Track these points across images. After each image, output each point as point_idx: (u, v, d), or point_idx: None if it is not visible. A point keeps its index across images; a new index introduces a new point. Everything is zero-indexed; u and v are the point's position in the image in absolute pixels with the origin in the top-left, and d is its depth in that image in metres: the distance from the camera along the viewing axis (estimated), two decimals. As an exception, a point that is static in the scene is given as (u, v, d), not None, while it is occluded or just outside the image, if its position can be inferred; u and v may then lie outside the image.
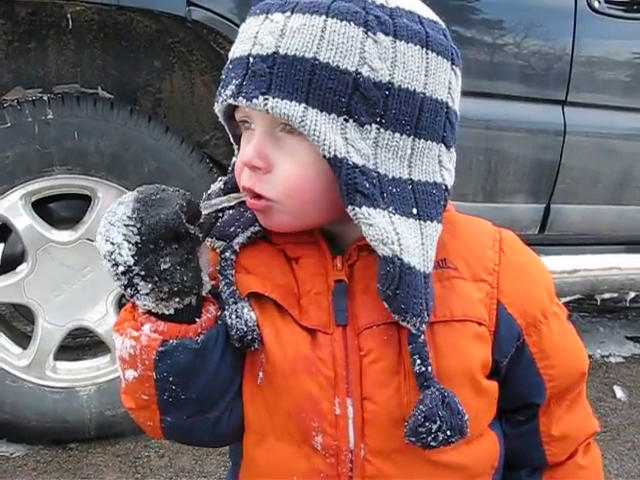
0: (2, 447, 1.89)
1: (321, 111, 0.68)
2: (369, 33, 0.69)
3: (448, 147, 0.76)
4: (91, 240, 1.81)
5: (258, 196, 0.74)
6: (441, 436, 0.70)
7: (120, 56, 1.94)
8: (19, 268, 1.83)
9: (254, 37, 0.71)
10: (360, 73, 0.68)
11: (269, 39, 0.69)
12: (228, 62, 0.75)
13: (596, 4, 2.07)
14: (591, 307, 2.86)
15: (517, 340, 0.78)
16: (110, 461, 1.85)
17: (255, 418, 0.77)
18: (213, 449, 1.86)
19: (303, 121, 0.68)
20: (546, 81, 2.07)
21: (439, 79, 0.73)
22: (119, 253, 0.69)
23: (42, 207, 1.84)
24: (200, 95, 2.05)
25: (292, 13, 0.70)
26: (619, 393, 2.28)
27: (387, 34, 0.70)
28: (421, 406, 0.70)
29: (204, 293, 0.74)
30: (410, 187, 0.72)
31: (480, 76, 2.00)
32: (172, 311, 0.71)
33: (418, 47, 0.72)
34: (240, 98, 0.70)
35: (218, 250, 0.77)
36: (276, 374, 0.74)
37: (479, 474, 0.79)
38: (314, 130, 0.68)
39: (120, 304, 1.91)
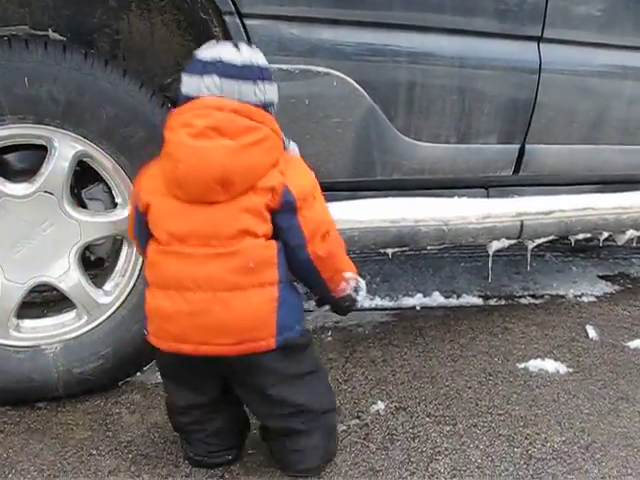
0: (-33, 409, 1.84)
1: None
2: None
3: None
4: (49, 192, 1.72)
5: None
6: None
7: (72, -6, 1.82)
8: (-26, 224, 1.74)
9: None
10: None
11: None
12: None
13: None
14: (564, 247, 2.86)
15: None
16: (80, 419, 1.80)
17: None
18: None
19: None
20: (521, 17, 2.00)
21: None
22: None
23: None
24: (160, 36, 1.94)
25: None
26: (591, 332, 2.29)
27: None
28: None
29: None
30: None
31: (454, 12, 1.91)
32: None
33: None
34: None
35: None
36: None
37: None
38: None
39: (83, 257, 1.84)
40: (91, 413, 1.83)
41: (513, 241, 2.18)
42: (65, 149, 1.71)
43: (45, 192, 1.72)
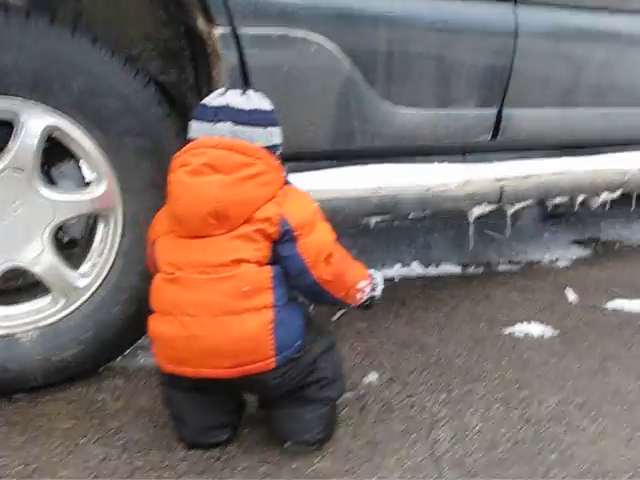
0: (-62, 405, 1.73)
1: None
2: None
3: None
4: (18, 169, 1.62)
5: None
6: None
7: (30, -41, 1.71)
8: (-63, 207, 1.62)
9: None
10: None
11: None
12: None
13: None
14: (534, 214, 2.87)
15: None
16: (62, 409, 1.71)
17: None
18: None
19: None
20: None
21: None
22: None
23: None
24: (126, 4, 1.84)
25: None
26: (571, 296, 2.31)
27: None
28: None
29: None
30: None
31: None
32: None
33: None
34: None
35: None
36: None
37: None
38: None
39: (57, 239, 1.74)
40: (73, 402, 1.74)
41: (493, 207, 2.17)
42: (34, 123, 1.60)
43: (14, 169, 1.61)
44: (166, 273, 1.47)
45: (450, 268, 2.51)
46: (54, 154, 1.74)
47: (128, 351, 1.88)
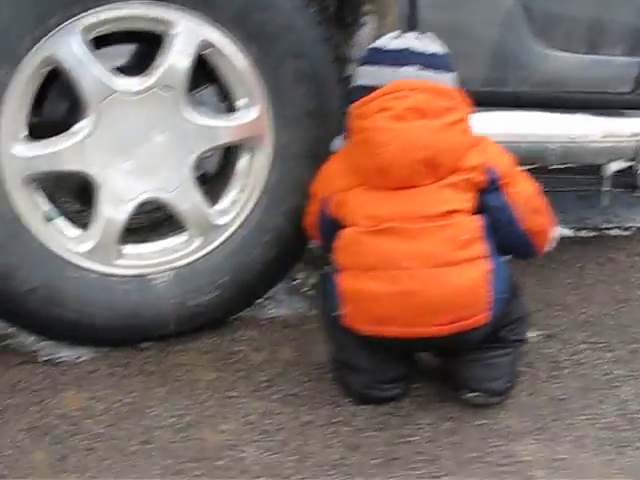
0: (63, 351, 1.54)
1: None
2: None
3: None
4: (168, 87, 1.44)
5: None
6: None
7: None
8: (76, 127, 1.43)
9: None
10: None
11: None
12: None
13: None
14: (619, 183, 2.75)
15: None
16: (198, 359, 1.55)
17: None
18: (313, 339, 1.60)
19: None
20: None
21: None
22: None
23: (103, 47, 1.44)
24: None
25: None
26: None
27: None
28: None
29: None
30: None
31: None
32: None
33: None
34: None
35: None
36: None
37: None
38: None
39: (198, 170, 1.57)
40: (208, 352, 1.58)
41: (629, 163, 2.04)
42: (189, 36, 1.43)
43: (163, 88, 1.44)
44: (367, 226, 1.34)
45: (562, 231, 2.37)
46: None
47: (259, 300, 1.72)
